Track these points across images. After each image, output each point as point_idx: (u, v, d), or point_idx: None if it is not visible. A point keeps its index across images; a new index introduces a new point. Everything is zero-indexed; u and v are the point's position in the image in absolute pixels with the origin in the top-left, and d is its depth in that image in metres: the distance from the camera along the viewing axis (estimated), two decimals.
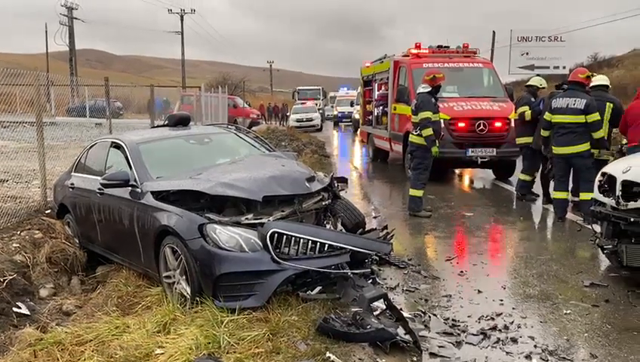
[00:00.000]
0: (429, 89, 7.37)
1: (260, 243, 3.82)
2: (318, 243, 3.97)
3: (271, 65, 75.73)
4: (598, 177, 4.95)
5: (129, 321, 3.83)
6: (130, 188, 4.64)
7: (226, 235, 3.84)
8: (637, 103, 6.39)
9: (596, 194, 4.94)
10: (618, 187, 4.47)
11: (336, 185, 5.13)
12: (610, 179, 4.67)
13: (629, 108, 6.41)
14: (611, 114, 6.81)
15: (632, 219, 4.36)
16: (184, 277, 4.05)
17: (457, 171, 11.93)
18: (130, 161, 4.90)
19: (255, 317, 3.64)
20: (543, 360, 3.27)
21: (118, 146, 5.28)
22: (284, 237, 3.86)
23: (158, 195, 4.37)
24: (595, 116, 6.35)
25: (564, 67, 29.27)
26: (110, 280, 5.12)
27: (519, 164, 9.01)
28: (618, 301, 4.20)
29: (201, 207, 4.16)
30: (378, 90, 13.91)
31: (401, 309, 3.89)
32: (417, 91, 7.68)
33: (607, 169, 4.89)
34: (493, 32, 33.20)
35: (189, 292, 4.00)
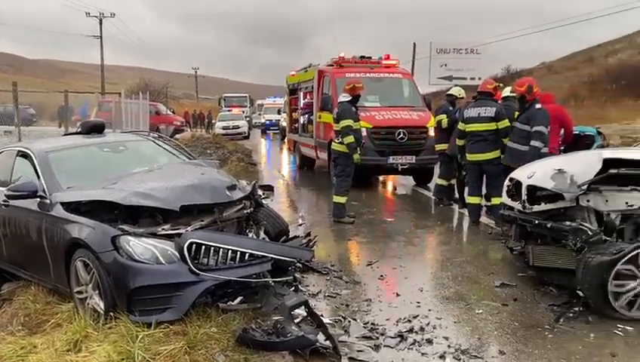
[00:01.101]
0: (350, 98, 7.54)
1: (178, 255, 3.72)
2: (239, 253, 3.93)
3: (196, 72, 74.26)
4: (506, 182, 5.25)
5: (36, 341, 3.61)
6: (38, 199, 4.38)
7: (141, 247, 3.71)
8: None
9: (505, 199, 5.24)
10: (524, 191, 4.76)
11: (259, 193, 5.11)
12: (517, 184, 4.96)
13: None
14: None
15: (536, 222, 4.64)
16: (97, 291, 3.86)
17: (381, 178, 12.23)
18: (39, 170, 4.63)
19: (172, 330, 3.53)
20: (456, 359, 3.41)
21: (25, 155, 4.97)
22: (203, 247, 3.78)
23: (69, 206, 4.15)
24: (505, 122, 6.73)
25: (479, 78, 30.87)
26: (17, 298, 4.80)
27: (437, 170, 9.38)
28: (525, 299, 4.46)
29: (114, 219, 3.99)
30: (304, 99, 14.02)
31: (321, 315, 3.92)
32: (339, 100, 7.83)
33: (514, 174, 5.19)
34: (414, 43, 34.46)
35: (102, 308, 3.82)
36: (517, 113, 7.33)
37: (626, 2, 43.61)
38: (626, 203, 4.13)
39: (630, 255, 3.84)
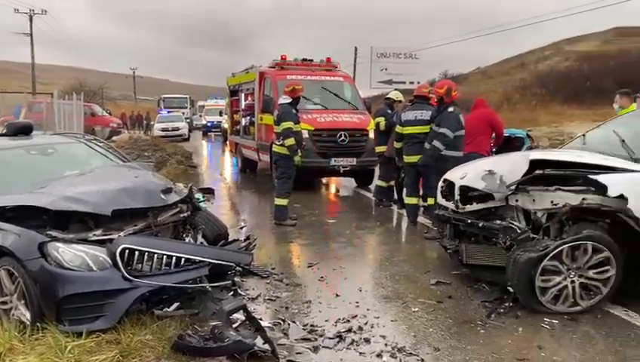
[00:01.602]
0: (290, 100, 7.56)
1: (110, 261, 3.60)
2: (174, 258, 3.84)
3: (134, 72, 72.21)
4: (440, 183, 5.41)
5: None
6: None
7: (71, 254, 3.56)
8: (471, 117, 7.21)
9: (439, 199, 5.40)
10: (456, 192, 4.92)
11: (196, 196, 5.01)
12: (450, 185, 5.13)
13: (466, 121, 7.17)
14: None
15: (469, 221, 4.81)
16: (23, 301, 3.66)
17: (324, 180, 12.32)
18: None
19: (105, 339, 3.41)
20: (393, 357, 3.47)
21: None
22: (137, 252, 3.67)
23: None
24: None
25: (418, 82, 31.63)
26: None
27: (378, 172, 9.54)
28: (459, 296, 4.60)
29: (43, 224, 3.81)
30: (245, 100, 13.91)
31: (260, 319, 3.89)
32: (279, 102, 7.83)
33: (447, 175, 5.36)
34: (355, 47, 34.96)
35: (28, 318, 3.62)
36: None
37: (554, 11, 45.99)
38: (552, 202, 4.34)
39: (555, 251, 4.04)
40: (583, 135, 5.51)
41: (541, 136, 17.33)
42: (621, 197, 4.02)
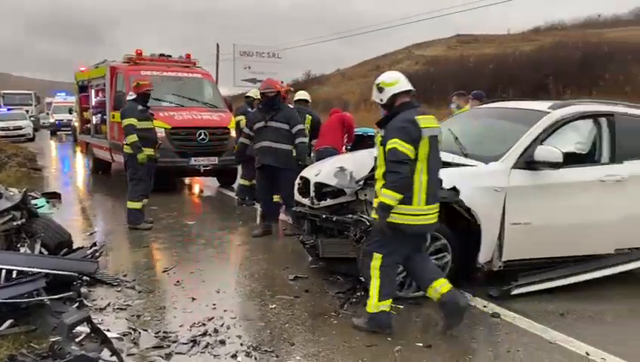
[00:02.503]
0: (134, 96, 7.25)
1: None
2: (4, 271, 3.45)
3: None
4: (297, 180, 5.52)
5: None
6: None
7: None
8: (328, 121, 7.60)
9: (297, 196, 5.50)
10: (312, 188, 5.06)
11: (37, 201, 4.57)
12: (306, 182, 5.25)
13: (324, 122, 7.59)
14: (310, 125, 7.75)
15: (324, 216, 4.96)
16: None
17: (186, 180, 11.94)
18: None
19: None
20: (248, 356, 3.46)
21: None
22: None
23: None
24: (301, 126, 7.07)
25: (282, 82, 32.05)
26: None
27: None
28: (316, 290, 4.74)
29: None
30: (96, 97, 13.00)
31: (107, 330, 3.65)
32: (127, 99, 7.49)
33: (303, 173, 5.49)
34: (217, 44, 34.41)
35: None
36: (309, 116, 7.84)
37: (405, 17, 49.46)
38: None
39: None
40: None
41: None
42: (453, 189, 4.42)
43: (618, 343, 3.73)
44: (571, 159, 4.84)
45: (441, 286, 3.83)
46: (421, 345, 3.64)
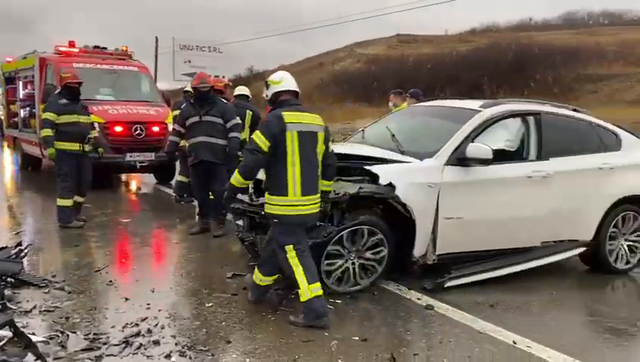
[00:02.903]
0: (59, 89, 6.98)
1: None
2: None
3: None
4: None
5: None
6: None
7: None
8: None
9: None
10: (250, 184, 5.00)
11: None
12: None
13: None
14: (251, 120, 7.66)
15: (263, 213, 4.92)
16: None
17: (123, 177, 11.56)
18: None
19: None
20: (182, 356, 3.38)
21: None
22: None
23: None
24: (236, 120, 6.99)
25: (223, 76, 31.62)
26: None
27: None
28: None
29: None
30: (24, 89, 12.34)
31: (32, 333, 3.48)
32: None
33: None
34: (156, 37, 33.48)
35: None
36: (249, 112, 7.75)
37: (349, 15, 49.99)
38: (334, 191, 4.65)
39: (337, 237, 4.38)
40: (363, 130, 6.06)
41: (336, 132, 18.67)
42: (390, 185, 4.51)
43: (542, 331, 3.94)
44: (501, 156, 5.04)
45: (267, 280, 4.21)
46: (357, 338, 3.69)
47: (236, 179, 4.00)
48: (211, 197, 6.77)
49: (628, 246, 5.52)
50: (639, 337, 4.03)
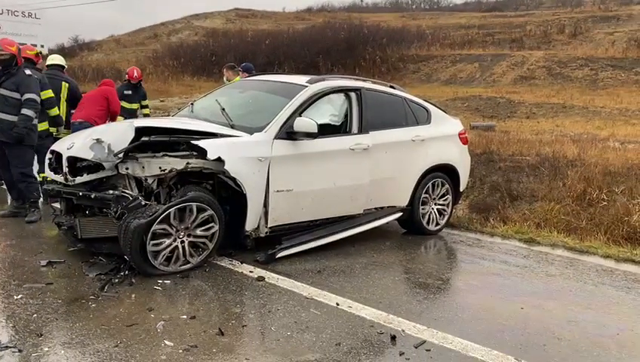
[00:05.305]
0: None
1: None
2: None
3: None
4: (48, 155, 4.95)
5: None
6: None
7: None
8: (91, 92, 7.06)
9: (48, 173, 4.94)
10: (64, 163, 4.57)
11: None
12: (58, 157, 4.74)
13: (87, 94, 7.01)
14: (68, 93, 7.00)
15: (81, 194, 4.55)
16: None
17: None
18: None
19: None
20: None
21: None
22: None
23: None
24: (49, 93, 6.31)
25: (42, 46, 28.26)
26: None
27: None
28: (73, 274, 4.34)
29: None
30: None
31: None
32: None
33: (54, 147, 4.94)
34: None
35: None
36: (65, 84, 7.08)
37: None
38: (160, 168, 4.46)
39: (163, 215, 4.21)
40: (192, 103, 5.88)
41: (172, 107, 17.93)
42: (219, 159, 4.45)
43: (363, 291, 4.25)
44: (327, 130, 5.27)
45: None
46: (185, 317, 3.61)
47: None
48: (41, 177, 6.11)
49: (437, 209, 6.19)
50: (442, 289, 4.56)
